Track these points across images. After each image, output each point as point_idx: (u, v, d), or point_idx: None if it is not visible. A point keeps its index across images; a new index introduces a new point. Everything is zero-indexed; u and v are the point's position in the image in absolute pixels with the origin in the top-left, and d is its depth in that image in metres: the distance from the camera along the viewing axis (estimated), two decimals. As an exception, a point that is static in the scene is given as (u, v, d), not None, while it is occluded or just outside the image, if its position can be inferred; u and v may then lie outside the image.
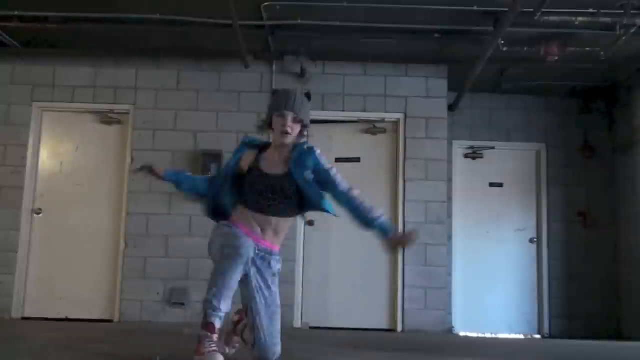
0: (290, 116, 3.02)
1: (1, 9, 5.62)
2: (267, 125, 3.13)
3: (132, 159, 6.42)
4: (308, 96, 3.16)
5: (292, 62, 6.39)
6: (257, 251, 2.98)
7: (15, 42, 6.18)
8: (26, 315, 6.26)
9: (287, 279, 5.87)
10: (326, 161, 3.10)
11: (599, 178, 7.19)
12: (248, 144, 3.18)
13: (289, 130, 3.02)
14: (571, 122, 7.29)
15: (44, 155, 6.55)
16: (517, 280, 7.09)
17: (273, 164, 3.07)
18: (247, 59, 6.26)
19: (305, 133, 3.14)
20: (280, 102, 3.06)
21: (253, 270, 2.97)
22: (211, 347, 2.76)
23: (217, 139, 6.43)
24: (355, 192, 3.08)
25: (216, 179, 3.18)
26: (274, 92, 3.22)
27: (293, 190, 3.02)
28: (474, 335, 6.90)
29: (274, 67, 6.55)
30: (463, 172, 7.24)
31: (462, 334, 6.90)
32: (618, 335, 6.71)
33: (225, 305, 2.81)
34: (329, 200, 3.13)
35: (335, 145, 6.64)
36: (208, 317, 2.80)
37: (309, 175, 3.03)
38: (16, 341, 4.34)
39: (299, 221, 6.37)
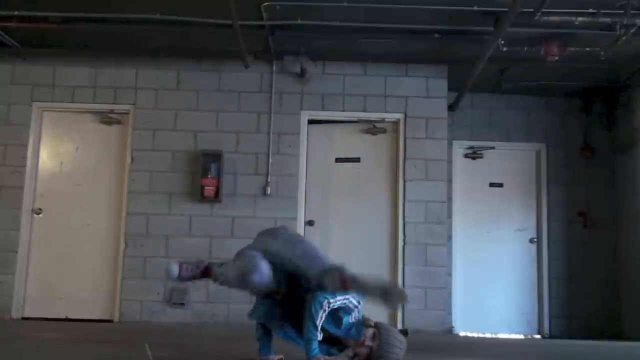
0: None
1: (1, 9, 5.62)
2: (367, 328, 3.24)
3: (132, 159, 6.43)
4: (405, 333, 3.31)
5: (292, 62, 6.39)
6: None
7: (15, 42, 6.18)
8: (26, 315, 6.26)
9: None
10: None
11: (599, 178, 7.19)
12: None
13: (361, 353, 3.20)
14: (571, 122, 7.29)
15: (44, 155, 6.55)
16: (517, 280, 7.09)
17: None
18: (247, 59, 6.26)
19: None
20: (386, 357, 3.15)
21: None
22: None
23: (217, 139, 6.44)
24: None
25: None
26: (404, 333, 3.30)
27: None
28: (474, 335, 6.90)
29: (274, 67, 6.55)
30: (463, 172, 7.24)
31: (462, 334, 6.90)
32: (618, 335, 6.71)
33: None
34: None
35: (335, 145, 6.64)
36: None
37: None
38: (16, 341, 4.34)
39: (299, 221, 6.39)
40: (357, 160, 6.61)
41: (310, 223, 6.45)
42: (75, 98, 6.55)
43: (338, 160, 6.62)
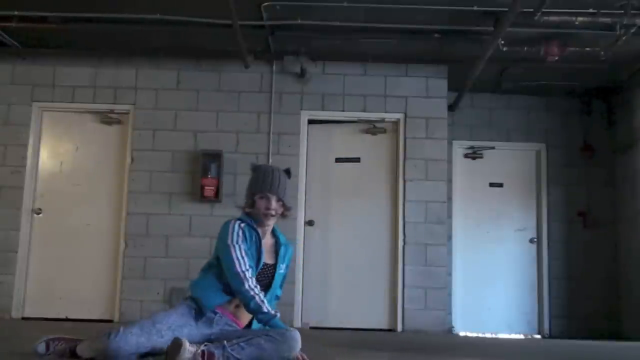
0: (274, 199, 3.03)
1: (1, 9, 5.62)
2: (250, 204, 3.08)
3: (132, 159, 6.43)
4: (288, 173, 3.17)
5: (292, 62, 6.40)
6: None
7: (15, 42, 6.18)
8: (26, 315, 6.26)
9: (287, 279, 5.86)
10: None
11: (599, 178, 7.19)
12: (248, 227, 3.06)
13: (274, 212, 3.04)
14: (571, 122, 7.30)
15: (44, 155, 6.55)
16: (517, 280, 7.09)
17: (266, 251, 3.10)
18: (247, 59, 6.26)
19: (287, 214, 3.14)
20: (263, 183, 3.05)
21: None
22: None
23: (217, 139, 6.44)
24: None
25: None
26: (254, 169, 3.16)
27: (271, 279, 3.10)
28: (474, 335, 6.90)
29: (274, 67, 6.55)
30: (463, 172, 7.24)
31: (462, 334, 6.90)
32: (618, 335, 6.71)
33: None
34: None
35: (335, 145, 6.64)
36: None
37: (285, 269, 3.18)
38: (16, 341, 4.34)
39: (299, 221, 6.39)
40: (357, 160, 6.61)
41: (310, 223, 6.45)
42: (75, 98, 6.55)
43: (338, 160, 6.62)
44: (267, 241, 3.13)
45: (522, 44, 5.81)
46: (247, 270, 2.91)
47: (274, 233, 3.18)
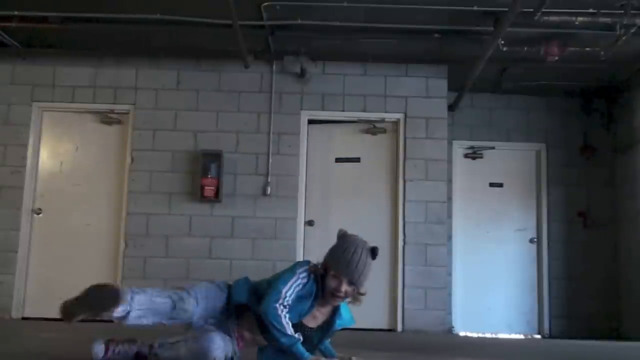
0: (346, 281, 2.84)
1: (1, 9, 5.62)
2: (322, 271, 2.89)
3: (132, 159, 6.43)
4: (373, 253, 2.95)
5: (292, 62, 6.40)
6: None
7: (15, 42, 6.19)
8: (26, 315, 6.26)
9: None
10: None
11: (599, 178, 7.19)
12: (307, 290, 2.86)
13: (342, 296, 2.85)
14: (571, 122, 7.29)
15: (44, 155, 6.55)
16: (517, 280, 7.09)
17: (313, 317, 2.92)
18: (247, 59, 6.26)
19: (359, 300, 2.93)
20: (340, 261, 2.87)
21: None
22: None
23: (217, 139, 6.44)
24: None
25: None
26: (341, 237, 2.94)
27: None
28: (474, 335, 6.90)
29: (274, 67, 6.55)
30: (463, 172, 7.24)
31: (462, 334, 6.90)
32: (618, 335, 6.71)
33: None
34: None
35: (335, 145, 6.64)
36: None
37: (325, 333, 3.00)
38: (16, 341, 4.34)
39: (299, 220, 6.39)
40: (357, 160, 6.61)
41: (310, 223, 6.45)
42: (75, 98, 6.55)
43: (338, 160, 6.62)
44: (323, 308, 2.94)
45: (522, 44, 5.81)
46: (289, 298, 2.76)
47: (336, 307, 2.96)
